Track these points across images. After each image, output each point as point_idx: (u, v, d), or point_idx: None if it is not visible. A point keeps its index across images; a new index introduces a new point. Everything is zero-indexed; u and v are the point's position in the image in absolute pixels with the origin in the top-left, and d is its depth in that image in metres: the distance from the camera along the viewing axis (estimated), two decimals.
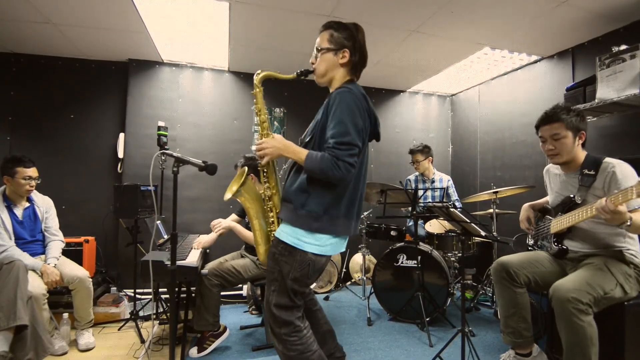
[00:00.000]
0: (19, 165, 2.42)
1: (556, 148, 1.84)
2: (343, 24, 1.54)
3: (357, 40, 1.53)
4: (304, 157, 1.39)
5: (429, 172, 3.64)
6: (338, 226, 1.45)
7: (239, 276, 2.46)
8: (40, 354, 1.97)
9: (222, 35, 3.12)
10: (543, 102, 3.33)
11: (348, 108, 1.39)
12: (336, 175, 1.34)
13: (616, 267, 1.71)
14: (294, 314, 1.47)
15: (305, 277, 1.45)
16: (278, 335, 1.45)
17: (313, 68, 1.58)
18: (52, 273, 2.34)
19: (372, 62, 3.64)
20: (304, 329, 1.47)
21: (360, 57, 1.54)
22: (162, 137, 3.13)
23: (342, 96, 1.41)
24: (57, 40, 3.23)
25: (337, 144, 1.35)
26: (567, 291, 1.59)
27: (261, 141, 1.51)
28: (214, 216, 3.75)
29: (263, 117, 1.60)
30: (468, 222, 1.95)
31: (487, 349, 2.43)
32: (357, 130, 1.39)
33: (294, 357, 1.43)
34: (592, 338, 1.56)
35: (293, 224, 1.42)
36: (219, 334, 2.41)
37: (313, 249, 1.42)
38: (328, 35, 1.53)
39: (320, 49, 1.54)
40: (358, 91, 1.46)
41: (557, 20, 2.69)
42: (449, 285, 2.83)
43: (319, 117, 1.51)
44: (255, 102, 1.62)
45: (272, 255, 1.48)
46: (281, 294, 1.45)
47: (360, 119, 1.41)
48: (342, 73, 1.55)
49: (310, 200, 1.41)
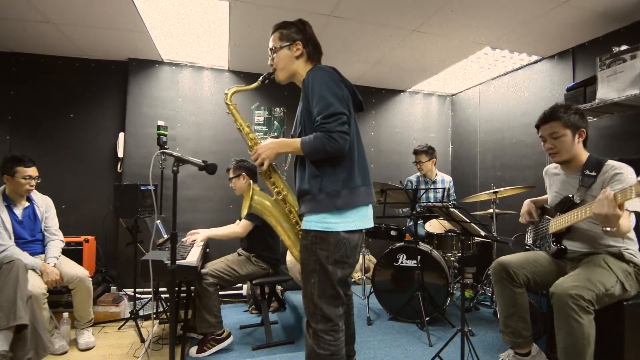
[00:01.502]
0: (19, 164, 2.42)
1: (555, 147, 1.85)
2: (288, 22, 1.61)
3: (306, 32, 1.60)
4: (299, 145, 1.42)
5: (431, 174, 3.63)
6: (360, 196, 1.46)
7: (235, 274, 2.46)
8: (40, 354, 1.97)
9: (222, 34, 3.12)
10: (543, 102, 3.33)
11: (323, 82, 1.42)
12: (335, 147, 1.36)
13: (616, 264, 1.72)
14: (337, 310, 1.45)
15: (345, 257, 1.44)
16: (314, 331, 1.42)
17: (273, 68, 1.62)
18: (52, 272, 2.34)
19: (372, 61, 3.64)
20: (340, 331, 1.45)
21: (313, 47, 1.60)
22: (162, 136, 3.13)
23: (313, 74, 1.46)
24: (57, 39, 3.22)
25: (325, 118, 1.37)
26: (568, 288, 1.58)
27: (254, 150, 1.54)
28: (214, 216, 3.79)
29: (247, 130, 1.66)
30: (468, 222, 1.95)
31: (486, 349, 2.43)
32: (339, 99, 1.41)
33: (323, 356, 1.40)
34: (589, 338, 1.56)
35: (317, 211, 1.42)
36: (221, 339, 2.39)
37: (343, 226, 1.42)
38: (278, 34, 1.60)
39: (274, 49, 1.59)
40: (327, 66, 1.51)
41: (557, 20, 2.68)
42: (449, 285, 2.83)
43: (300, 106, 1.54)
44: (234, 120, 1.67)
45: (304, 247, 1.47)
46: (323, 284, 1.42)
47: (337, 88, 1.44)
48: (301, 64, 1.59)
49: (325, 181, 1.42)
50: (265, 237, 2.57)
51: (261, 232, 2.54)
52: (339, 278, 1.44)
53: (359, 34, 3.00)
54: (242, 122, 1.67)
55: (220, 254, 2.86)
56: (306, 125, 1.49)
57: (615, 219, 1.50)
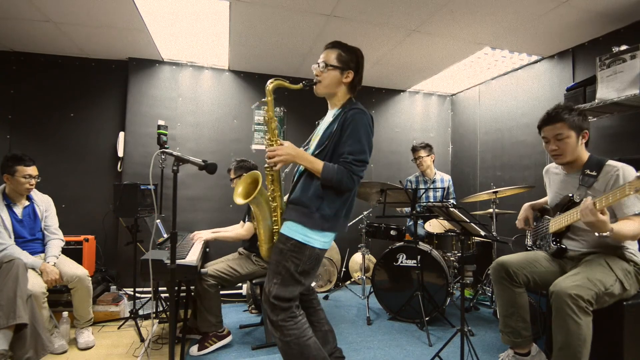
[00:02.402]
0: (19, 163, 2.42)
1: (560, 148, 1.84)
2: (351, 47, 1.70)
3: (359, 65, 1.70)
4: (321, 168, 1.53)
5: (430, 172, 3.63)
6: (339, 226, 1.63)
7: (236, 274, 2.47)
8: (39, 353, 1.97)
9: (223, 34, 3.12)
10: (543, 102, 3.34)
11: (365, 129, 1.57)
12: (349, 186, 1.54)
13: (615, 263, 1.72)
14: (291, 303, 1.57)
15: (312, 269, 1.60)
16: (274, 323, 1.54)
17: (318, 80, 1.68)
18: (52, 272, 2.34)
19: (372, 61, 3.64)
20: (299, 315, 1.58)
21: (359, 81, 1.72)
22: (162, 136, 3.13)
23: (359, 117, 1.57)
24: (57, 38, 3.22)
25: (355, 161, 1.53)
26: (568, 288, 1.58)
27: (274, 148, 1.58)
28: (214, 215, 3.79)
29: (274, 125, 1.65)
30: (467, 221, 1.95)
31: (486, 349, 2.43)
32: (370, 149, 1.60)
33: (291, 342, 1.52)
34: (586, 340, 1.55)
35: (306, 224, 1.55)
36: (222, 336, 2.42)
37: (320, 244, 1.57)
38: (337, 54, 1.67)
39: (328, 65, 1.66)
40: (369, 114, 1.63)
41: (557, 20, 2.68)
42: (448, 285, 2.83)
43: (331, 130, 1.61)
44: (267, 109, 1.66)
45: (280, 250, 1.57)
46: (283, 287, 1.54)
47: (371, 139, 1.61)
48: (343, 91, 1.70)
49: (324, 205, 1.55)
50: None
51: None
52: (302, 285, 1.59)
53: (359, 34, 3.00)
54: (273, 116, 1.65)
55: (220, 254, 2.87)
56: (329, 152, 1.59)
57: (601, 224, 1.55)
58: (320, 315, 1.83)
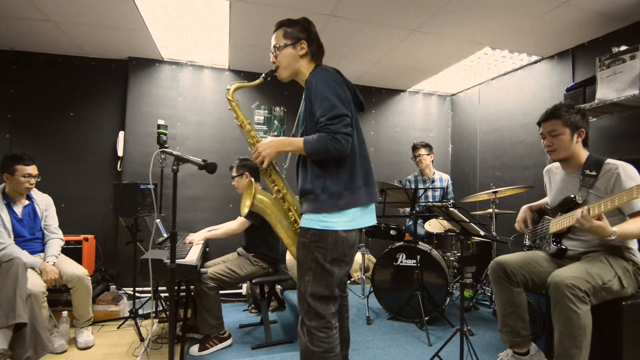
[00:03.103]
0: (19, 162, 2.42)
1: (553, 144, 1.88)
2: (293, 20, 1.61)
3: (310, 32, 1.60)
4: (302, 145, 1.42)
5: (429, 171, 3.64)
6: (361, 196, 1.47)
7: (235, 275, 2.47)
8: (39, 352, 1.97)
9: (223, 33, 3.12)
10: (543, 102, 3.34)
11: (327, 84, 1.43)
12: (338, 148, 1.37)
13: (615, 261, 1.73)
14: (329, 308, 1.45)
15: (343, 255, 1.45)
16: (307, 328, 1.42)
17: (276, 66, 1.61)
18: (51, 271, 2.34)
19: (372, 61, 3.64)
20: (334, 328, 1.45)
21: (317, 46, 1.61)
22: (162, 135, 3.13)
23: (317, 76, 1.46)
24: (57, 38, 3.22)
25: (329, 120, 1.38)
26: (565, 278, 1.59)
27: (255, 147, 1.53)
28: (214, 215, 3.78)
29: (248, 127, 1.64)
30: (467, 221, 1.95)
31: (485, 348, 2.44)
32: (342, 101, 1.42)
33: (317, 353, 1.40)
34: (586, 328, 1.57)
35: (318, 210, 1.42)
36: (223, 339, 2.42)
37: (342, 225, 1.43)
38: (282, 32, 1.59)
39: (278, 47, 1.58)
40: (330, 68, 1.51)
41: (557, 20, 2.69)
42: (448, 285, 2.84)
43: (303, 107, 1.55)
44: (235, 116, 1.66)
45: (302, 244, 1.46)
46: (317, 283, 1.43)
47: (341, 90, 1.45)
48: (305, 63, 1.59)
49: (327, 182, 1.43)
50: (265, 236, 2.57)
51: (261, 231, 2.54)
52: (335, 276, 1.45)
53: (359, 34, 3.00)
54: (244, 119, 1.66)
55: (220, 253, 2.87)
56: (308, 126, 1.50)
57: (600, 230, 1.57)
58: (344, 324, 1.71)
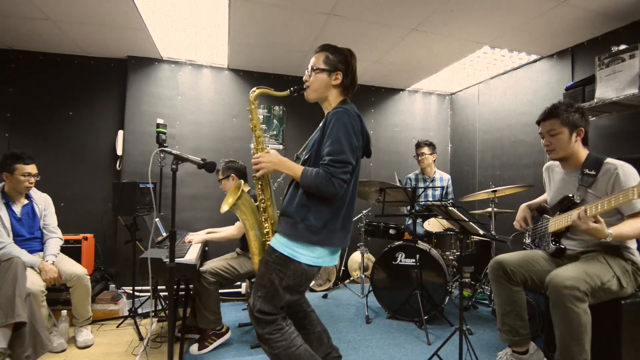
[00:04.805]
0: (18, 161, 2.42)
1: (552, 144, 1.88)
2: (339, 48, 1.62)
3: (350, 65, 1.61)
4: (299, 174, 1.45)
5: (430, 170, 3.64)
6: (335, 239, 1.51)
7: (235, 272, 2.48)
8: (38, 351, 1.97)
9: (222, 32, 3.12)
10: (542, 102, 3.33)
11: (344, 127, 1.45)
12: (330, 191, 1.40)
13: (614, 260, 1.73)
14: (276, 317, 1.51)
15: (297, 286, 1.50)
16: (261, 336, 1.49)
17: (306, 85, 1.63)
18: (50, 270, 2.34)
19: (372, 60, 3.63)
20: (285, 326, 1.51)
21: (351, 80, 1.62)
22: (161, 134, 3.13)
23: (338, 115, 1.47)
24: (56, 37, 3.21)
25: (333, 162, 1.41)
26: (564, 279, 1.60)
27: (258, 155, 1.56)
28: (213, 214, 3.78)
29: (259, 133, 1.66)
30: (466, 220, 1.95)
31: (484, 347, 2.44)
32: (352, 149, 1.45)
33: (280, 354, 1.46)
34: (586, 326, 1.57)
35: (291, 237, 1.46)
36: (221, 334, 2.43)
37: (307, 260, 1.47)
38: (324, 57, 1.60)
39: (315, 69, 1.60)
40: (353, 111, 1.52)
41: (556, 19, 2.68)
42: (447, 284, 2.84)
43: (316, 135, 1.57)
44: (251, 118, 1.67)
45: (265, 262, 1.51)
46: (266, 301, 1.48)
47: (355, 138, 1.47)
48: (335, 94, 1.61)
49: (310, 214, 1.46)
50: None
51: None
52: (285, 300, 1.50)
53: (359, 33, 3.00)
54: (257, 124, 1.67)
55: (219, 253, 2.87)
56: (313, 155, 1.53)
57: (596, 232, 1.58)
58: (312, 317, 1.76)
